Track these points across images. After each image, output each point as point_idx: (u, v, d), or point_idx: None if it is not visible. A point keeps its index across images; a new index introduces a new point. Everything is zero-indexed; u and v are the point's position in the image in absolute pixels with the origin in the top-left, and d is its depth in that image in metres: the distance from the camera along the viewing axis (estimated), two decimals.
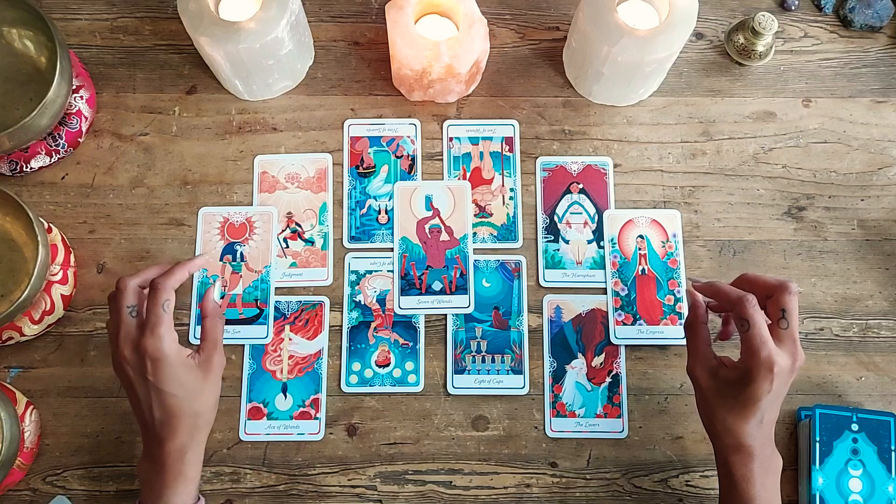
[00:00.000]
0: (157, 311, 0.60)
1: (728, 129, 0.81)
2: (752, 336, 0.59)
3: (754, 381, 0.59)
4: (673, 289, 0.77)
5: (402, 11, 0.74)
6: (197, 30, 0.72)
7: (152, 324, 0.60)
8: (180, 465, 0.61)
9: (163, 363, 0.60)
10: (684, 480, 0.73)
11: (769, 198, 0.80)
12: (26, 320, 0.71)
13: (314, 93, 0.82)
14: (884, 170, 0.81)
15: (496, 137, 0.81)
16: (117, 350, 0.61)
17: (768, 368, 0.58)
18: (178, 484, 0.61)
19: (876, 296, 0.77)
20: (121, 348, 0.61)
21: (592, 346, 0.75)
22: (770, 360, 0.58)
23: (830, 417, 0.70)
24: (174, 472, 0.61)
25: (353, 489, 0.73)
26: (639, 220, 0.79)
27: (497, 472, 0.73)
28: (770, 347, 0.58)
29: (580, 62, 0.78)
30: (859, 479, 0.69)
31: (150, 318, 0.60)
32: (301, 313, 0.76)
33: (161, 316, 0.60)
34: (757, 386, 0.59)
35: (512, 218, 0.79)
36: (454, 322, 0.76)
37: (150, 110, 0.81)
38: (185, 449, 0.62)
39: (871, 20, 0.83)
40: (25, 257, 0.73)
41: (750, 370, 0.59)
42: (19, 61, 0.78)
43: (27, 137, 0.73)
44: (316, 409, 0.74)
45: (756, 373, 0.58)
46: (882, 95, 0.83)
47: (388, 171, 0.80)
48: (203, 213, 0.78)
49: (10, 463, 0.66)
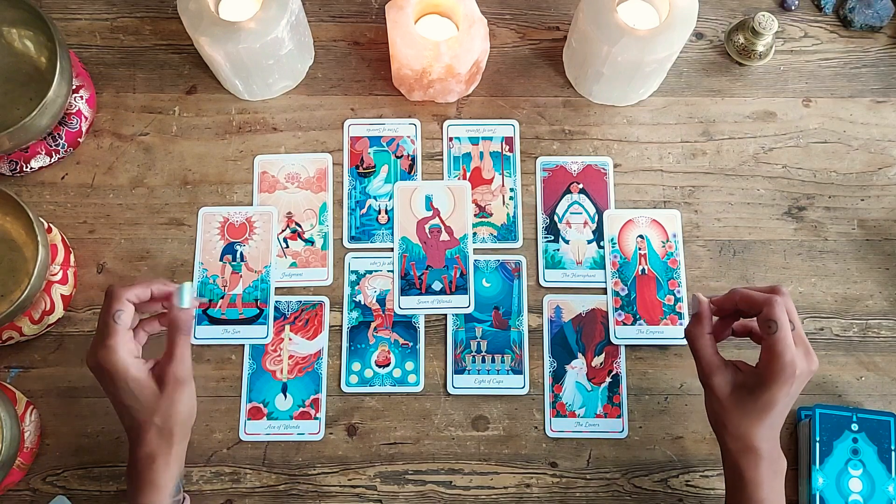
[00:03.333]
0: (108, 321, 0.60)
1: (728, 129, 0.81)
2: (778, 340, 0.58)
3: (775, 384, 0.58)
4: (673, 289, 0.77)
5: (402, 11, 0.74)
6: (197, 30, 0.72)
7: (103, 335, 0.60)
8: (149, 472, 0.61)
9: (112, 375, 0.59)
10: (684, 480, 0.73)
11: (769, 198, 0.80)
12: (26, 320, 0.71)
13: (314, 93, 0.82)
14: (884, 170, 0.81)
15: (496, 137, 0.81)
16: (87, 357, 0.61)
17: (791, 372, 0.58)
18: (148, 491, 0.61)
19: (876, 296, 0.77)
20: (87, 356, 0.61)
21: (592, 346, 0.75)
22: (793, 364, 0.58)
23: (830, 417, 0.70)
24: (144, 478, 0.61)
25: (353, 489, 0.73)
26: (639, 220, 0.79)
27: (497, 472, 0.73)
28: (794, 351, 0.58)
29: (580, 62, 0.78)
30: (859, 479, 0.69)
31: (101, 329, 0.60)
32: (301, 313, 0.76)
33: (112, 326, 0.59)
34: (777, 389, 0.58)
35: (512, 218, 0.79)
36: (454, 322, 0.76)
37: (150, 110, 0.81)
38: (154, 456, 0.60)
39: (871, 20, 0.83)
40: (25, 257, 0.73)
41: (772, 374, 0.58)
42: (19, 61, 0.78)
43: (27, 137, 0.73)
44: (316, 409, 0.74)
45: (778, 376, 0.58)
46: (882, 95, 0.83)
47: (388, 171, 0.80)
48: (203, 213, 0.78)
49: (10, 463, 0.66)
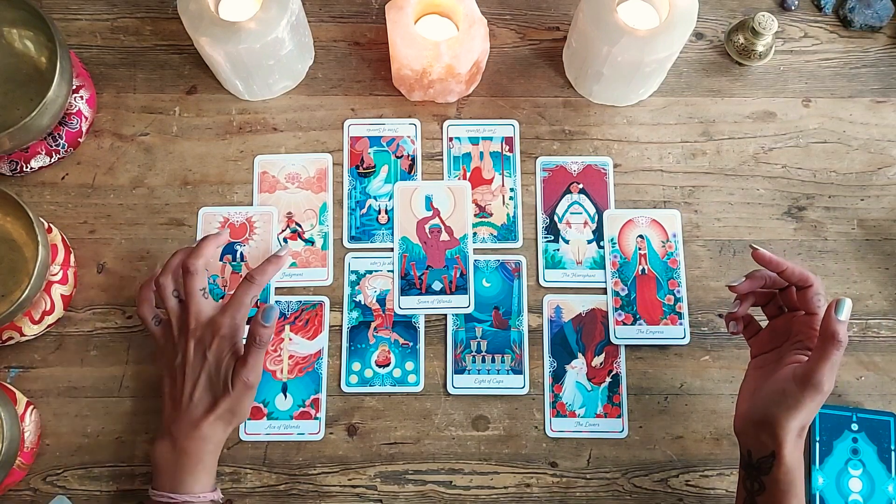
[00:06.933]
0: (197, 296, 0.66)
1: (728, 129, 0.82)
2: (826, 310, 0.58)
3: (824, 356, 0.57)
4: (673, 289, 0.77)
5: (402, 11, 0.74)
6: (197, 30, 0.72)
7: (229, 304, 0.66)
8: (203, 453, 0.62)
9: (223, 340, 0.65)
10: (684, 480, 0.73)
11: (769, 198, 0.80)
12: (26, 320, 0.71)
13: (314, 93, 0.82)
14: (884, 170, 0.81)
15: (496, 137, 0.81)
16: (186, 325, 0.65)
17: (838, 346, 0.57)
18: (199, 471, 0.62)
19: (876, 296, 0.78)
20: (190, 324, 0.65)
21: (592, 346, 0.75)
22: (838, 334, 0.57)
23: (830, 417, 0.70)
24: (196, 458, 0.62)
25: (353, 489, 0.73)
26: (639, 220, 0.79)
27: (497, 472, 0.73)
28: (838, 322, 0.57)
29: (580, 62, 0.78)
30: (859, 479, 0.69)
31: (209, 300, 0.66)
32: (301, 313, 0.76)
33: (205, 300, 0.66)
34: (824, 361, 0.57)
35: (512, 218, 0.79)
36: (454, 322, 0.76)
37: (150, 110, 0.81)
38: (212, 437, 0.63)
39: (870, 20, 0.83)
40: (25, 257, 0.73)
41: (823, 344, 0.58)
42: (19, 61, 0.78)
43: (27, 137, 0.73)
44: (316, 409, 0.74)
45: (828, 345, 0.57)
46: (882, 95, 0.83)
47: (388, 171, 0.80)
48: (203, 213, 0.78)
49: (10, 463, 0.66)
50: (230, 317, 0.65)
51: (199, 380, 0.64)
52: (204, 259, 0.67)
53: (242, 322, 0.66)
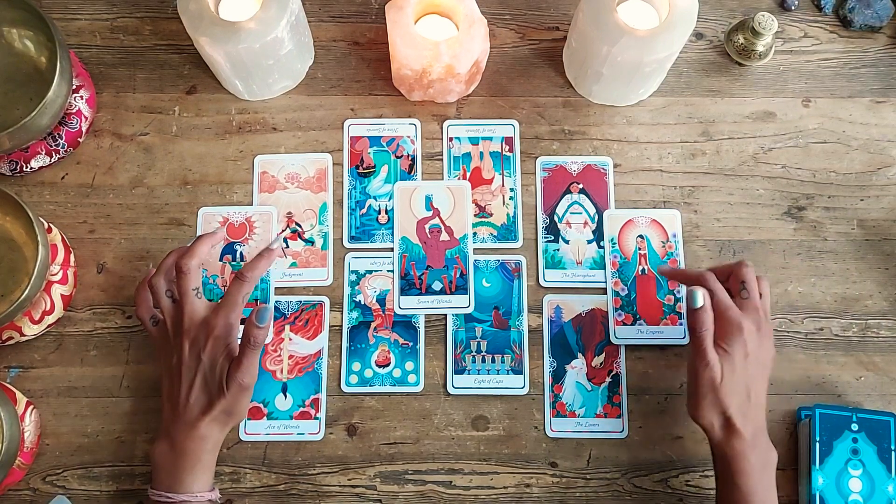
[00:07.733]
0: (191, 296, 0.65)
1: (728, 129, 0.82)
2: (717, 303, 0.64)
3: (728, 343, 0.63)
4: (673, 289, 0.77)
5: (402, 11, 0.74)
6: (197, 30, 0.72)
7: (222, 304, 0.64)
8: (201, 452, 0.63)
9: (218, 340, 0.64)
10: (684, 480, 0.73)
11: (769, 198, 0.80)
12: (26, 320, 0.71)
13: (314, 93, 0.82)
14: (883, 170, 0.81)
15: (496, 137, 0.81)
16: (180, 325, 0.64)
17: (738, 329, 0.63)
18: (198, 470, 0.63)
19: (875, 296, 0.78)
20: (184, 325, 0.64)
21: (592, 346, 0.75)
22: (738, 321, 0.63)
23: (830, 417, 0.70)
24: (194, 457, 0.62)
25: (353, 489, 0.73)
26: (639, 220, 0.79)
27: (497, 472, 0.73)
28: (735, 310, 0.64)
29: (580, 62, 0.78)
30: (859, 479, 0.69)
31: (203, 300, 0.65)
32: (301, 313, 0.76)
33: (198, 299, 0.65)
34: (730, 348, 0.63)
35: (512, 218, 0.79)
36: (454, 322, 0.76)
37: (150, 110, 0.81)
38: (210, 437, 0.63)
39: (870, 20, 0.83)
40: (25, 257, 0.73)
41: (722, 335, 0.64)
42: (19, 61, 0.78)
43: (27, 137, 0.73)
44: (316, 408, 0.74)
45: (727, 333, 0.63)
46: (882, 95, 0.83)
47: (388, 171, 0.80)
48: (203, 212, 0.78)
49: (10, 463, 0.66)
50: (224, 317, 0.64)
51: (194, 381, 0.63)
52: (198, 259, 0.66)
53: (236, 322, 0.65)
